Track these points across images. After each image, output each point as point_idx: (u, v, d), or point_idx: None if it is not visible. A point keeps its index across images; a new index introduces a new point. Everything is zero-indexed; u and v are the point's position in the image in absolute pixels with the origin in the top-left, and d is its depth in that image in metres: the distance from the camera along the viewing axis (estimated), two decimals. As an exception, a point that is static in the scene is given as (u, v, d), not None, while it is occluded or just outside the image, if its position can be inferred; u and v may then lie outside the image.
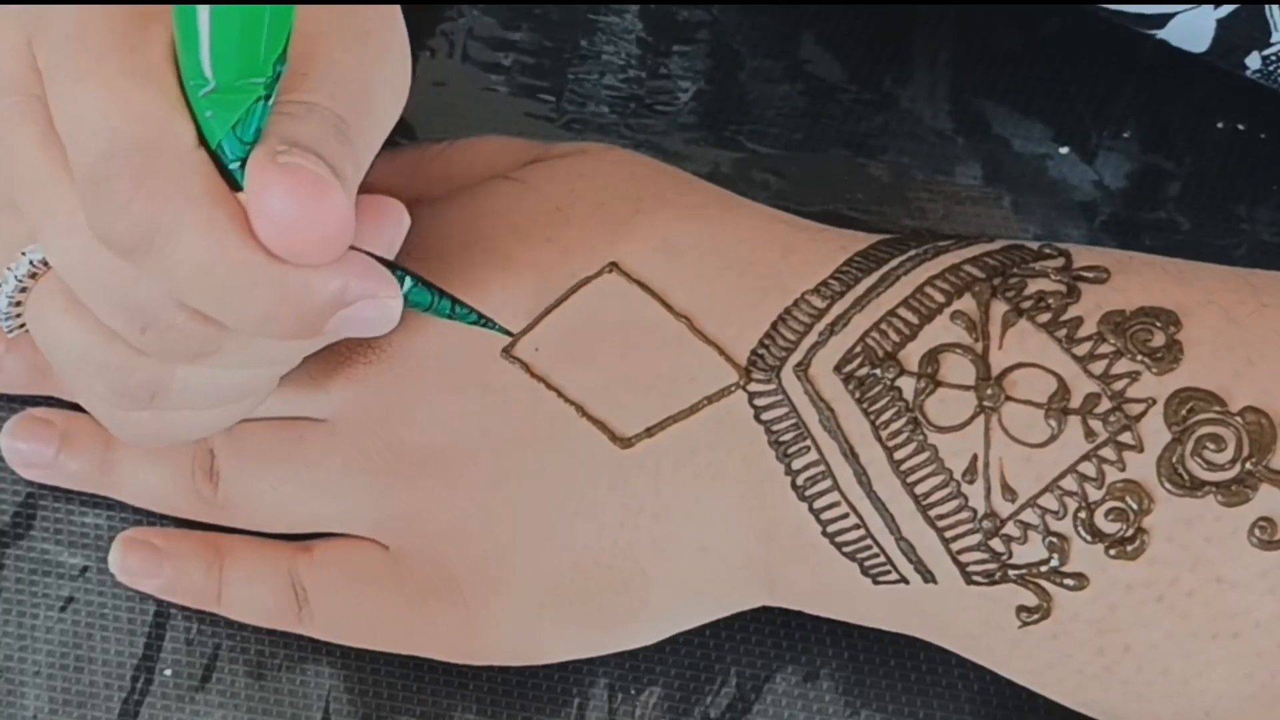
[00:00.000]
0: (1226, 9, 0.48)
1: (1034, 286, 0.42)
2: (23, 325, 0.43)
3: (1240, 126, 0.54)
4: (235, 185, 0.37)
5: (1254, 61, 0.49)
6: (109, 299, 0.39)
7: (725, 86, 0.54)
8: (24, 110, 0.38)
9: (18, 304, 0.42)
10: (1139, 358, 0.40)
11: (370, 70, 0.39)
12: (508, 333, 0.43)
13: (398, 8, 0.40)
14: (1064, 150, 0.53)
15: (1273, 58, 0.49)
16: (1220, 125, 0.54)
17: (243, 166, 0.36)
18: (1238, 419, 0.39)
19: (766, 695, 0.46)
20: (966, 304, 0.41)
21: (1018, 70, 0.54)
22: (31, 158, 0.38)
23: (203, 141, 0.37)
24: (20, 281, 0.41)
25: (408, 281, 0.40)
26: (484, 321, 0.42)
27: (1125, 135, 0.53)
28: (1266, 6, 0.47)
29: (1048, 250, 0.43)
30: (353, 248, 0.38)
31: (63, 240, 0.38)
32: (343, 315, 0.38)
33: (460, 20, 0.55)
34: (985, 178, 0.53)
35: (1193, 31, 0.49)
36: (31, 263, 0.41)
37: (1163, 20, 0.49)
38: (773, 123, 0.54)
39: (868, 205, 0.53)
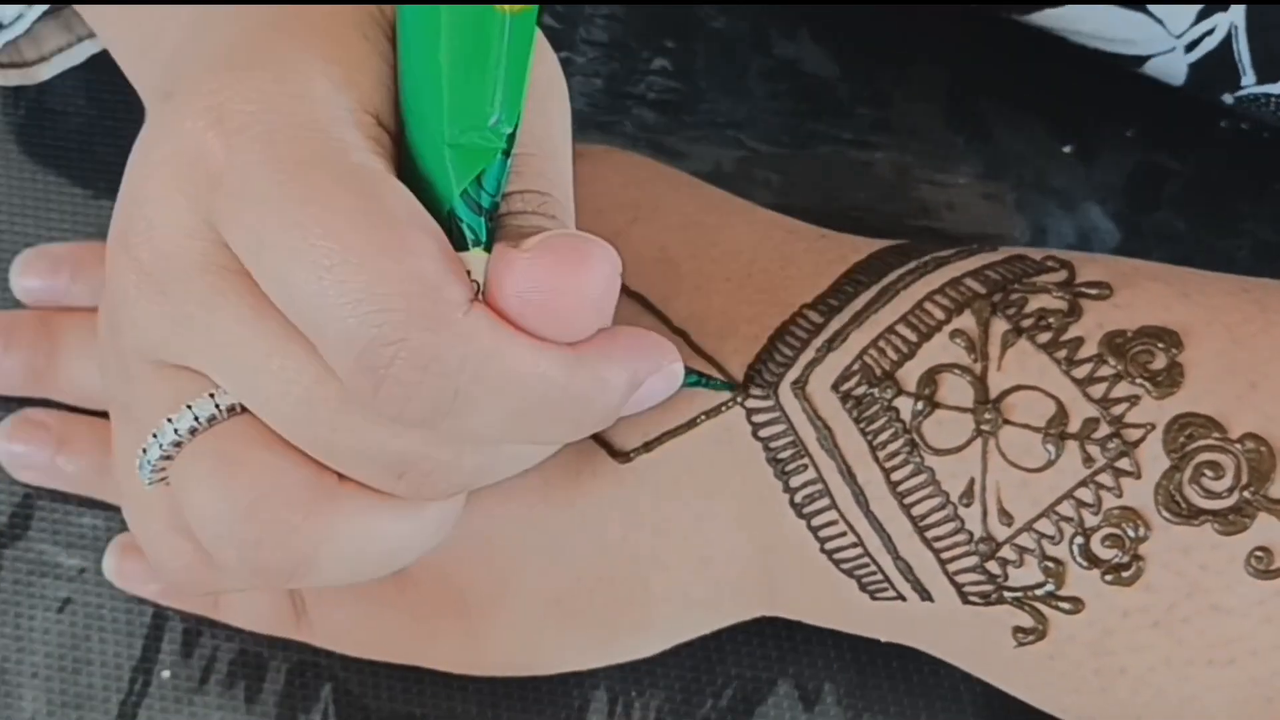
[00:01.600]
0: (1197, 53, 0.48)
1: (1035, 304, 0.41)
2: (163, 477, 0.39)
3: (1243, 125, 0.53)
4: (460, 245, 0.35)
5: (1228, 99, 0.49)
6: (355, 460, 0.36)
7: (726, 85, 0.54)
8: (223, 288, 0.35)
9: (171, 453, 0.38)
10: (1139, 381, 0.40)
11: (555, 126, 0.38)
12: (729, 387, 0.42)
13: (548, 48, 0.39)
14: (1066, 149, 0.53)
15: (1246, 98, 0.49)
16: (1223, 124, 0.53)
17: (486, 219, 0.35)
18: (1237, 446, 0.39)
19: (768, 700, 0.47)
20: (966, 322, 0.41)
21: (1019, 68, 0.53)
22: (243, 335, 0.35)
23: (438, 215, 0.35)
24: (196, 423, 0.37)
25: None
26: (704, 381, 0.42)
27: (1128, 134, 0.53)
28: (1235, 51, 0.47)
29: (1050, 262, 0.43)
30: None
31: (289, 417, 0.36)
32: (634, 400, 0.37)
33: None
34: (986, 176, 0.53)
35: (1168, 72, 0.49)
36: (218, 406, 0.37)
37: (1139, 61, 0.49)
38: (774, 121, 0.53)
39: (869, 204, 0.52)
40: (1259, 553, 0.38)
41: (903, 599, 0.42)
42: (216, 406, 0.37)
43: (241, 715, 0.46)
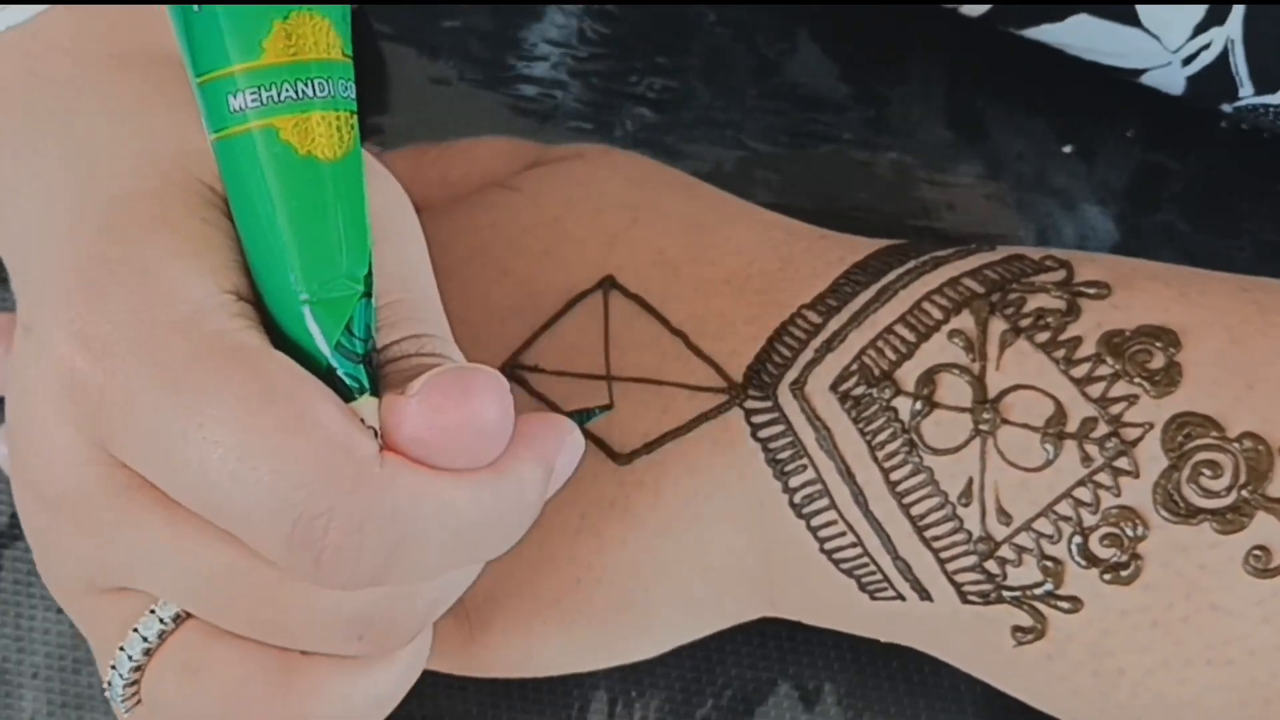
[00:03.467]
0: (1194, 67, 0.48)
1: (1033, 303, 0.41)
2: (137, 699, 0.38)
3: (1243, 126, 0.53)
4: (347, 396, 0.35)
5: (1227, 109, 0.49)
6: (310, 634, 0.36)
7: (725, 85, 0.54)
8: (133, 508, 0.35)
9: (135, 678, 0.38)
10: (1137, 380, 0.40)
11: (412, 258, 0.37)
12: (607, 410, 0.43)
13: (387, 176, 0.39)
14: (1066, 149, 0.53)
15: (1244, 109, 0.49)
16: (1223, 124, 0.53)
17: (365, 365, 0.35)
18: (1235, 445, 0.39)
19: (768, 700, 0.47)
20: (964, 322, 0.41)
21: (1019, 68, 0.53)
22: (167, 547, 0.35)
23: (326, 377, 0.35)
24: (147, 643, 0.37)
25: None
26: (588, 416, 0.42)
27: (1128, 134, 0.53)
28: (1232, 64, 0.47)
29: (1049, 262, 0.43)
30: None
31: (235, 612, 0.35)
32: (552, 483, 0.37)
33: (460, 20, 0.54)
34: (987, 176, 0.53)
35: (1166, 83, 0.50)
36: (162, 620, 0.37)
37: (1136, 73, 0.50)
38: (773, 121, 0.53)
39: (869, 204, 0.52)
40: (1257, 552, 0.38)
41: (902, 599, 0.42)
42: (161, 621, 0.37)
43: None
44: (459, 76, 0.53)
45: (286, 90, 0.33)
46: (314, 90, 0.33)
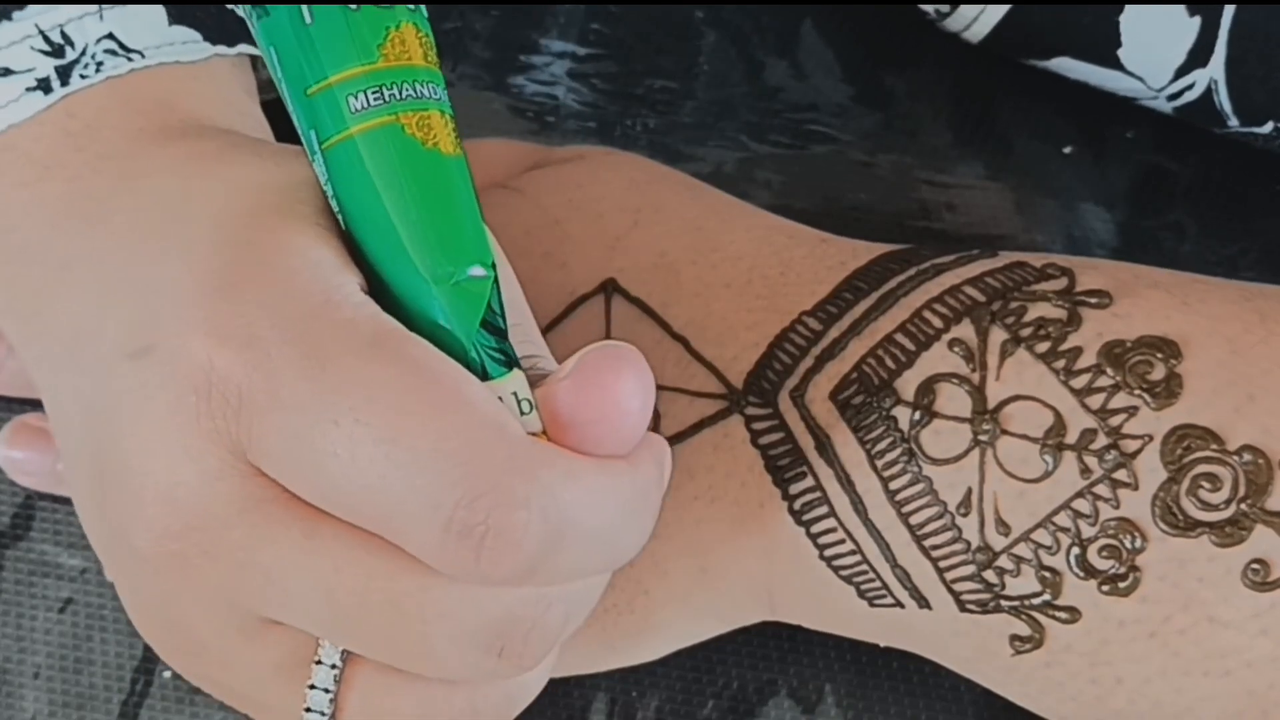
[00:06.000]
0: (1180, 102, 0.49)
1: (1034, 312, 0.41)
2: None
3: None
4: (483, 375, 0.35)
5: (1217, 131, 0.50)
6: (452, 649, 0.34)
7: (726, 85, 0.54)
8: (268, 522, 0.34)
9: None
10: (1137, 391, 0.40)
11: (506, 262, 0.37)
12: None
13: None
14: (1066, 149, 0.53)
15: (1233, 135, 0.50)
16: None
17: (509, 342, 0.35)
18: (1235, 458, 0.39)
19: (768, 701, 0.47)
20: (965, 331, 0.41)
21: (1019, 69, 0.53)
22: (304, 566, 0.34)
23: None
24: (329, 693, 0.36)
25: None
26: None
27: (1128, 135, 0.53)
28: (1216, 102, 0.48)
29: (1050, 269, 0.43)
30: None
31: (378, 632, 0.34)
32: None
33: (461, 21, 0.54)
34: (989, 176, 0.53)
35: (1157, 108, 0.50)
36: (333, 666, 0.36)
37: (1128, 100, 0.50)
38: (774, 122, 0.53)
39: (869, 204, 0.52)
40: (1255, 565, 0.39)
41: (901, 606, 0.42)
42: (332, 666, 0.36)
43: (242, 716, 0.46)
44: (460, 78, 0.53)
45: (406, 90, 0.34)
46: (428, 91, 0.34)
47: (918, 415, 0.41)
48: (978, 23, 0.50)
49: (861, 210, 0.52)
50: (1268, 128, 0.49)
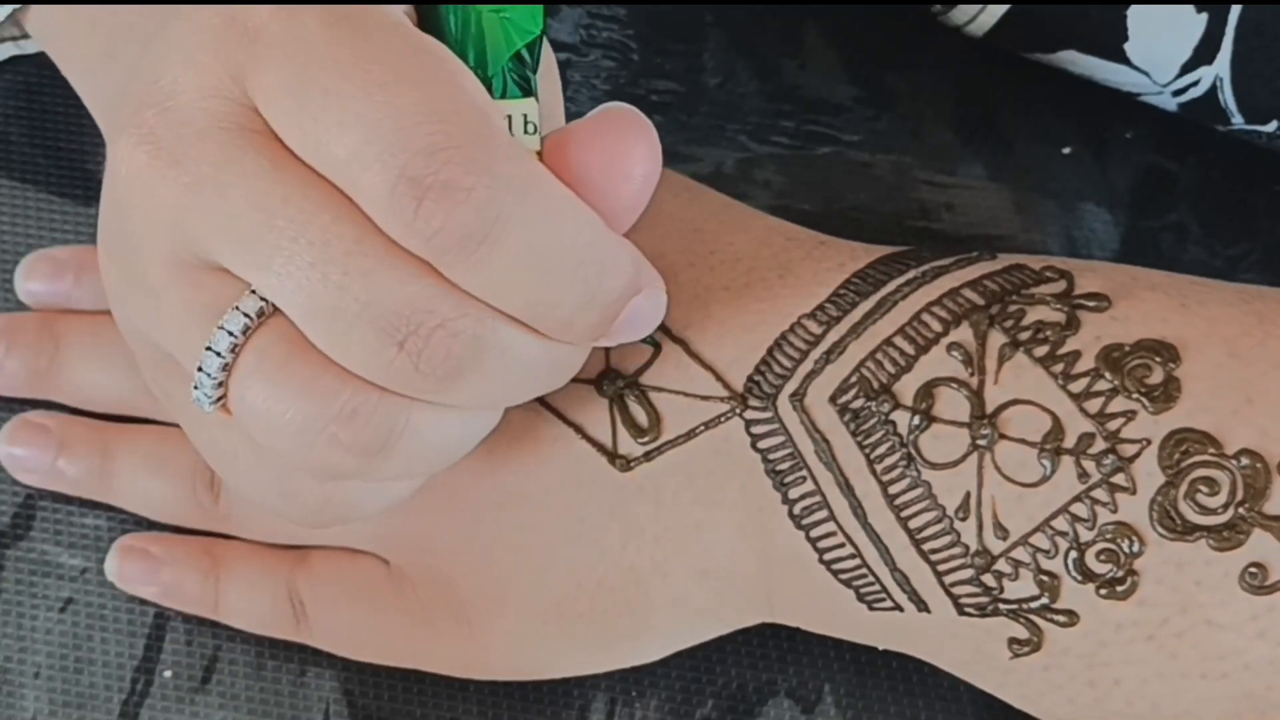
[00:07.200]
0: (1185, 98, 0.49)
1: (1033, 316, 0.41)
2: (221, 400, 0.38)
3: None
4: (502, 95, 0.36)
5: (1220, 129, 0.50)
6: (360, 317, 0.35)
7: (727, 86, 0.54)
8: (240, 143, 0.35)
9: (223, 373, 0.37)
10: (1135, 395, 0.40)
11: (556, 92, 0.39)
12: None
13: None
14: (1066, 150, 0.53)
15: (1236, 133, 0.50)
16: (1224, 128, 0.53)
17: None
18: (1233, 462, 0.39)
19: (768, 702, 0.47)
20: (963, 334, 0.41)
21: (1019, 69, 0.53)
22: (259, 189, 0.35)
23: None
24: (234, 338, 0.36)
25: None
26: None
27: (1128, 135, 0.53)
28: (1221, 99, 0.48)
29: (1049, 272, 0.43)
30: None
31: (300, 269, 0.35)
32: (630, 309, 0.37)
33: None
34: (989, 177, 0.53)
35: (1161, 104, 0.50)
36: (247, 315, 0.36)
37: (1132, 95, 0.50)
38: (774, 122, 0.53)
39: (869, 205, 0.52)
40: (1253, 569, 0.39)
41: (900, 609, 0.42)
42: (246, 315, 0.36)
43: (243, 715, 0.47)
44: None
45: None
46: None
47: (916, 420, 0.41)
48: (982, 15, 0.50)
49: (861, 210, 0.52)
50: (1271, 126, 0.49)
